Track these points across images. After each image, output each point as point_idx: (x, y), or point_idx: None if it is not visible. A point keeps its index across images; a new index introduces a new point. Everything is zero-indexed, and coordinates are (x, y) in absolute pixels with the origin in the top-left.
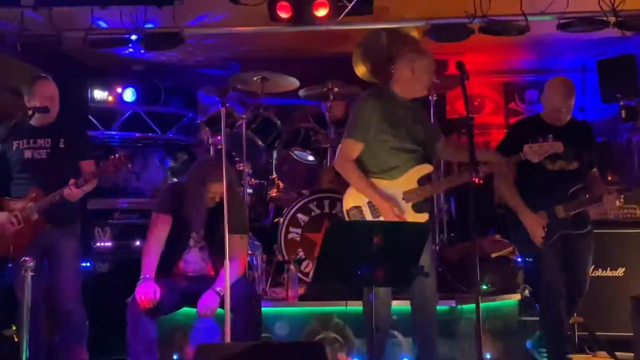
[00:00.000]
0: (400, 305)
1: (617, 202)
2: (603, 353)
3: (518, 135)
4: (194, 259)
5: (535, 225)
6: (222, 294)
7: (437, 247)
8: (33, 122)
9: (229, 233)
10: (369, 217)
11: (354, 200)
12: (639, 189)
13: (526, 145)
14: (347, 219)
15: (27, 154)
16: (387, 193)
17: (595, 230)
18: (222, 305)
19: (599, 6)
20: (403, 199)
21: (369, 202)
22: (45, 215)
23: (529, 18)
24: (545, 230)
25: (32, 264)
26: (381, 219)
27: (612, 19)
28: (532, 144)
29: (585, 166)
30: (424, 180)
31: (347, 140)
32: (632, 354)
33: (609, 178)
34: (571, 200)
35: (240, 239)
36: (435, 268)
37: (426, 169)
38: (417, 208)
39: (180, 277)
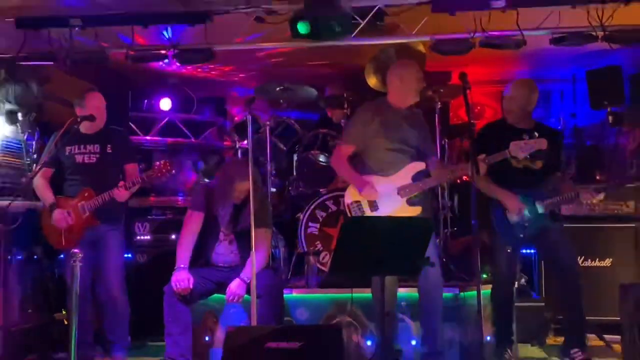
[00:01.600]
0: (409, 292)
1: (594, 200)
2: (593, 336)
3: (486, 139)
4: (223, 251)
5: (512, 199)
6: (248, 282)
7: (441, 241)
8: (82, 129)
9: (255, 227)
10: (367, 210)
11: (354, 195)
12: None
13: (512, 143)
14: (348, 212)
15: (79, 159)
16: (367, 179)
17: (585, 225)
18: (248, 292)
19: (589, 22)
20: (398, 193)
21: None
22: (95, 213)
23: (525, 33)
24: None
25: (80, 255)
26: (378, 211)
27: (601, 34)
28: (517, 141)
29: (550, 167)
30: (417, 177)
31: (340, 143)
32: (619, 337)
33: (598, 177)
34: (546, 198)
35: (264, 232)
36: (440, 259)
37: (419, 166)
38: (410, 202)
39: (212, 267)
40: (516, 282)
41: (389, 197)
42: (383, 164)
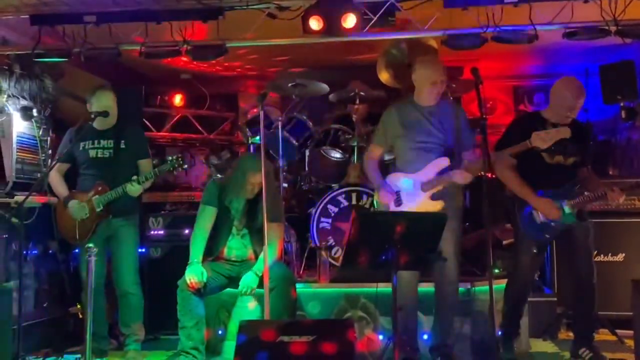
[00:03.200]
0: (421, 287)
1: (621, 199)
2: (605, 330)
3: (522, 129)
4: (236, 245)
5: (547, 206)
6: (260, 275)
7: None
8: (96, 125)
9: (267, 221)
10: (392, 204)
11: None
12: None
13: (534, 133)
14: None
15: (92, 154)
16: (390, 184)
17: (597, 220)
18: (261, 286)
19: (601, 16)
20: (421, 189)
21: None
22: (108, 207)
23: (537, 28)
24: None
25: (95, 249)
26: (402, 206)
27: (613, 28)
28: (539, 132)
29: (581, 163)
30: (443, 173)
31: (370, 145)
32: (632, 332)
33: (610, 172)
34: (574, 197)
35: (277, 226)
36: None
37: (444, 162)
38: (433, 197)
39: (225, 261)
40: None
41: (413, 192)
42: (407, 162)
